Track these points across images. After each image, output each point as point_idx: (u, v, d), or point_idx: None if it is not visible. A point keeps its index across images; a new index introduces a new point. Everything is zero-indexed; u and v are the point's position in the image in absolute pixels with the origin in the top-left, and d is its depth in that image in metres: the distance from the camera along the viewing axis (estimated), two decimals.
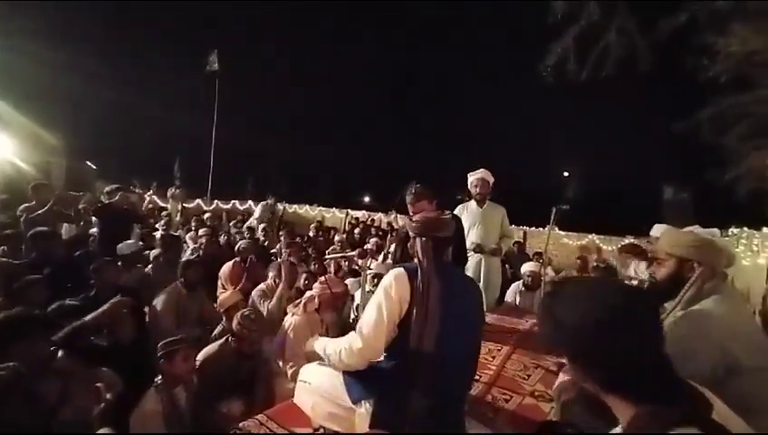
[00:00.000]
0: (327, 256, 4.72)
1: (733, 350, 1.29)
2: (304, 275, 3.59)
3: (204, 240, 5.11)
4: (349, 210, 12.15)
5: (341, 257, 4.51)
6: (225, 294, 3.13)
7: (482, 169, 3.43)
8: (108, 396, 1.78)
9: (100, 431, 1.69)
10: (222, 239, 6.31)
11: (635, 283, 3.26)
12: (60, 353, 1.73)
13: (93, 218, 5.20)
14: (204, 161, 15.02)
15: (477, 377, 2.09)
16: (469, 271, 3.27)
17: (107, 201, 4.48)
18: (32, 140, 9.31)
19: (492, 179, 3.45)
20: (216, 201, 12.63)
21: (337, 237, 6.35)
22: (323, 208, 12.96)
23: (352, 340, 1.37)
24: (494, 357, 2.43)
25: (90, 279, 3.07)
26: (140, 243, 4.11)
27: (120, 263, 3.20)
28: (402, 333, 1.32)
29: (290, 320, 2.50)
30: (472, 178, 3.45)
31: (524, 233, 8.81)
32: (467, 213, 3.43)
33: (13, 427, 1.01)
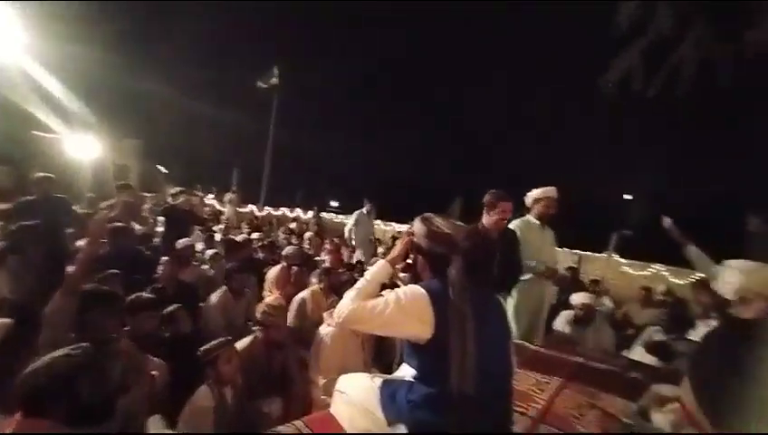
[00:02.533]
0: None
1: None
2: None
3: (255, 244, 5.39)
4: (394, 224, 12.21)
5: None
6: (269, 298, 3.25)
7: (554, 187, 3.14)
8: (158, 385, 1.90)
9: (151, 418, 1.80)
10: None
11: (713, 323, 2.89)
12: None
13: (160, 218, 5.71)
14: (260, 170, 15.95)
15: (524, 410, 1.95)
16: (532, 297, 3.08)
17: (172, 203, 4.89)
18: (114, 143, 10.50)
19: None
20: (267, 208, 13.32)
21: (380, 250, 6.37)
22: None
23: (345, 307, 1.32)
24: (542, 390, 2.25)
25: (155, 273, 3.35)
26: (200, 244, 4.42)
27: (177, 259, 3.45)
28: (436, 360, 1.22)
29: (325, 330, 2.51)
30: (549, 195, 3.12)
31: (579, 258, 8.26)
32: (528, 231, 3.07)
33: (81, 407, 1.09)
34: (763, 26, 3.34)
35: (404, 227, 11.49)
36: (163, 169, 14.54)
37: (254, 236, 5.70)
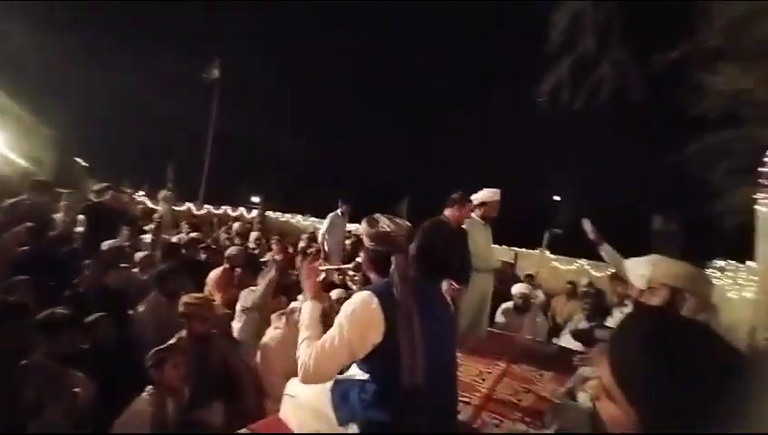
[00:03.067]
0: (324, 268, 4.64)
1: None
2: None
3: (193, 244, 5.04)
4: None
5: (336, 270, 4.45)
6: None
7: (498, 190, 3.37)
8: (81, 401, 1.72)
9: None
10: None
11: (626, 310, 3.28)
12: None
13: (80, 216, 5.11)
14: (199, 166, 14.93)
15: (468, 399, 2.06)
16: (477, 292, 3.24)
17: (96, 200, 4.40)
18: (25, 132, 9.15)
19: None
20: (206, 206, 12.51)
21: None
22: (315, 219, 12.91)
23: (307, 360, 1.29)
24: (483, 380, 2.40)
25: (74, 278, 3.00)
26: (126, 244, 4.02)
27: (103, 262, 3.12)
28: (387, 359, 1.24)
29: (271, 332, 2.43)
30: (494, 198, 3.34)
31: (515, 254, 8.87)
32: (476, 230, 3.29)
33: None
34: (668, 52, 3.94)
35: (352, 227, 11.50)
36: (83, 163, 12.99)
37: (193, 235, 5.31)
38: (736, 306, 3.65)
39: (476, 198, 3.33)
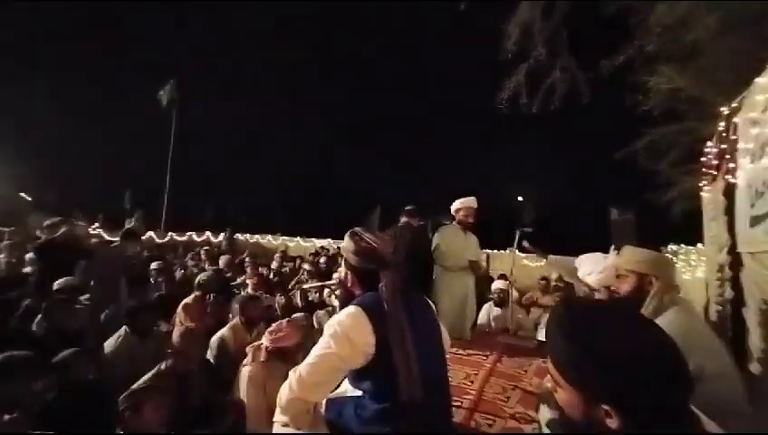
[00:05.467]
0: (307, 286, 4.53)
1: (696, 357, 1.37)
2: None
3: (156, 275, 4.77)
4: (314, 239, 11.95)
5: (320, 287, 4.35)
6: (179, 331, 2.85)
7: (473, 198, 3.59)
8: None
9: None
10: (178, 273, 5.95)
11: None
12: None
13: (29, 256, 4.72)
14: (158, 192, 14.28)
15: (459, 403, 2.07)
16: (457, 294, 3.41)
17: (48, 236, 4.08)
18: None
19: None
20: (170, 233, 11.93)
21: (307, 266, 6.17)
22: (286, 238, 12.65)
23: (291, 384, 1.26)
24: (472, 382, 2.42)
25: (25, 323, 2.75)
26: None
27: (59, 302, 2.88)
28: (381, 374, 1.22)
29: (242, 370, 2.24)
30: (467, 205, 3.56)
31: (488, 256, 9.09)
32: (449, 233, 3.55)
33: None
34: (614, 56, 4.33)
35: (324, 242, 11.35)
36: (27, 197, 12.05)
37: (153, 266, 4.97)
38: (690, 286, 3.93)
39: (453, 205, 3.62)
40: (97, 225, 10.41)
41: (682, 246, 3.95)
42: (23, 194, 12.05)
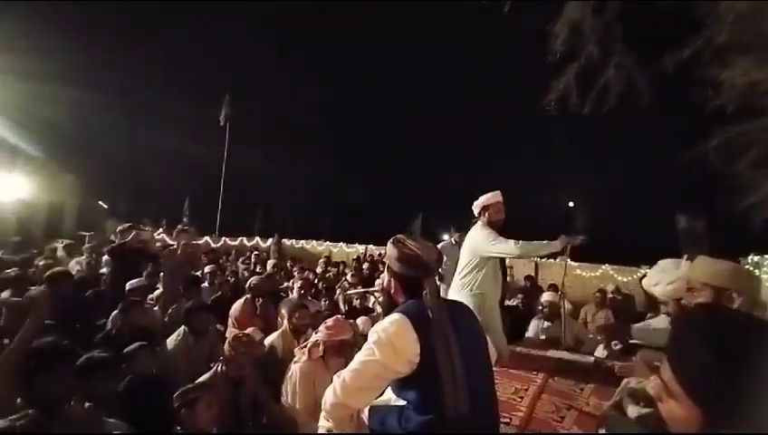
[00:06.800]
0: (351, 292, 4.57)
1: None
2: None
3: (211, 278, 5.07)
4: (357, 245, 12.15)
5: (364, 293, 4.37)
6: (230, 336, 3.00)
7: (498, 191, 3.00)
8: None
9: None
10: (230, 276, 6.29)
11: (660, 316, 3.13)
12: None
13: (105, 258, 5.23)
14: (214, 199, 15.30)
15: (508, 419, 1.97)
16: (484, 308, 2.97)
17: (120, 241, 4.51)
18: (49, 177, 9.55)
19: None
20: (223, 238, 12.71)
21: (349, 272, 6.28)
22: (330, 243, 12.96)
23: (335, 389, 1.26)
24: (521, 398, 2.30)
25: (99, 320, 3.03)
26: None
27: (131, 302, 3.15)
28: (426, 384, 1.19)
29: (293, 367, 2.33)
30: (496, 199, 2.96)
31: (536, 265, 8.67)
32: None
33: None
34: (679, 51, 3.97)
35: (362, 248, 11.49)
36: (104, 205, 13.44)
37: (207, 269, 5.29)
38: None
39: (478, 204, 3.02)
40: (161, 230, 11.37)
41: (766, 257, 3.53)
42: (100, 202, 13.48)
